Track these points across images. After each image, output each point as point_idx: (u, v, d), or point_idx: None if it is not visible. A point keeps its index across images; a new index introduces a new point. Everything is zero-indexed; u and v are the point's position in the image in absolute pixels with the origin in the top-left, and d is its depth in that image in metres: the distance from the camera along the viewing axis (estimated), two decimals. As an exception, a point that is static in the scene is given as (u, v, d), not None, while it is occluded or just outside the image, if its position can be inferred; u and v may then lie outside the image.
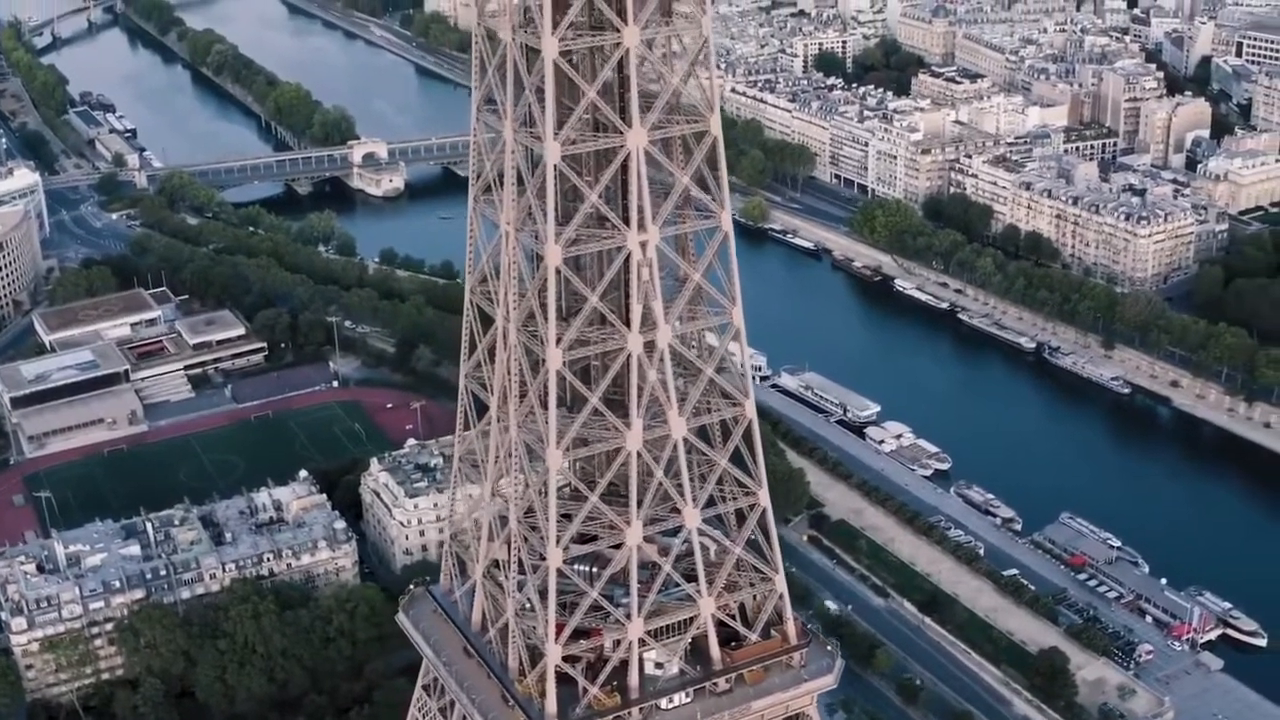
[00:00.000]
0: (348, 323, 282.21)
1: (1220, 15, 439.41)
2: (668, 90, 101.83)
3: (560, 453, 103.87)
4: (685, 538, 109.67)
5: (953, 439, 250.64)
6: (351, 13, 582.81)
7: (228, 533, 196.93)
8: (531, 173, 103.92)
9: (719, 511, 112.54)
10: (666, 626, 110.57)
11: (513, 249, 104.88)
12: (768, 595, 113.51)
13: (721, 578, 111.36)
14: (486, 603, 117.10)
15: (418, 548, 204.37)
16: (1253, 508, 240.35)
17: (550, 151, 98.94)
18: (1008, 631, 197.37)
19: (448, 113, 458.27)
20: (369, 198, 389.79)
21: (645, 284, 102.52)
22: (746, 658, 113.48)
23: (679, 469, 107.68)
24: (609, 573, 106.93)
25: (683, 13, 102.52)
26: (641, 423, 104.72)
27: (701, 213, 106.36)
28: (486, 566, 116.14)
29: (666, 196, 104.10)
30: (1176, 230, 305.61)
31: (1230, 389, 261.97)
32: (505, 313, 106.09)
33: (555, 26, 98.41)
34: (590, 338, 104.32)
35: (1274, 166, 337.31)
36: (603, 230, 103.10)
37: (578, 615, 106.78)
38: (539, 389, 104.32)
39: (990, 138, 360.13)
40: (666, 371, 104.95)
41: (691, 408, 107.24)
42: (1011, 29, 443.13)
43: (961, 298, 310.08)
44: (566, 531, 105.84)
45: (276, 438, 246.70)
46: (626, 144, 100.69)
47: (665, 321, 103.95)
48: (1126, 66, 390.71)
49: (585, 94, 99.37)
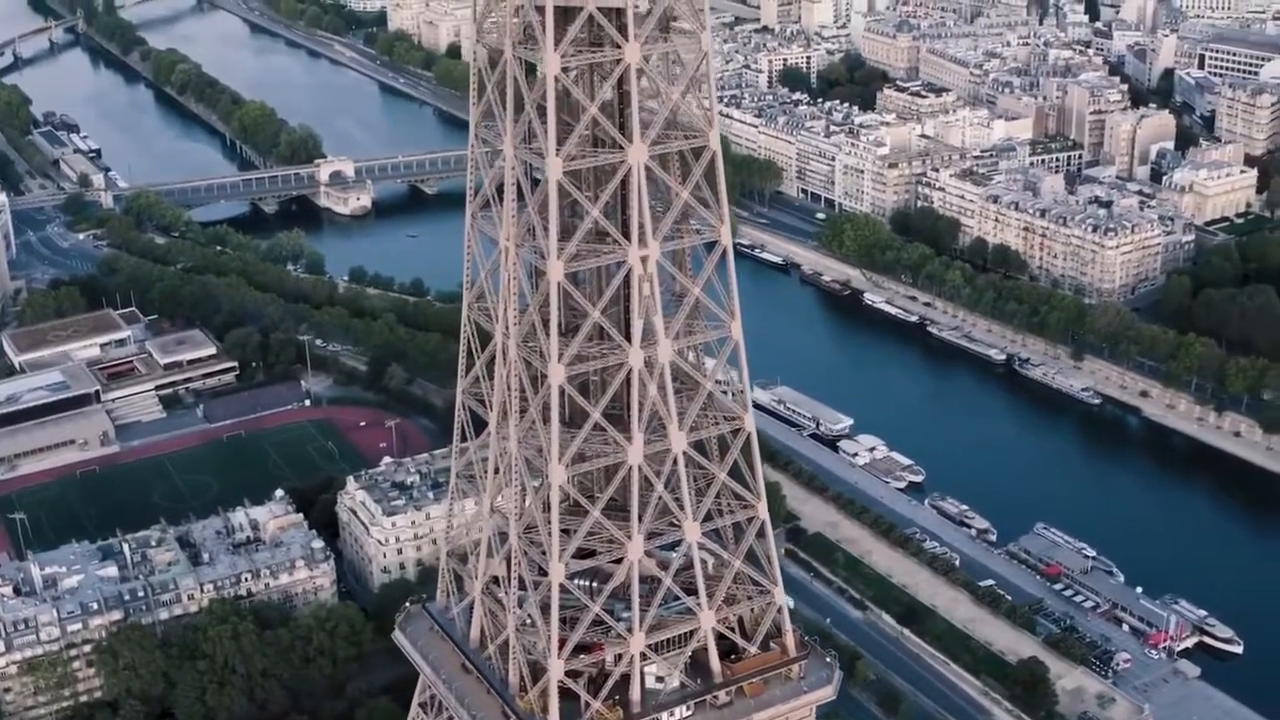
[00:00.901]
0: (319, 341, 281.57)
1: (1182, 28, 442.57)
2: (668, 106, 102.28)
3: (563, 468, 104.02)
4: (684, 551, 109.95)
5: (926, 451, 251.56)
6: (314, 31, 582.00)
7: (205, 553, 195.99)
8: (531, 188, 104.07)
9: (717, 525, 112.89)
10: (667, 640, 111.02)
11: (513, 265, 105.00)
12: (767, 608, 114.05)
13: (721, 591, 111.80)
14: (485, 619, 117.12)
15: (395, 566, 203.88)
16: (1224, 516, 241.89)
17: (553, 168, 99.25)
18: (986, 642, 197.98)
19: (413, 130, 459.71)
20: (336, 216, 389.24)
21: (646, 299, 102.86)
22: (746, 670, 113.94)
23: (679, 483, 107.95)
24: (610, 587, 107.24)
25: (681, 29, 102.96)
26: (642, 437, 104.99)
27: (699, 227, 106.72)
28: (485, 583, 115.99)
29: (665, 211, 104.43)
30: (1143, 241, 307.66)
31: (1200, 398, 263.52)
32: (505, 328, 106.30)
33: (557, 43, 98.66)
34: (590, 353, 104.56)
35: (1239, 177, 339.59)
36: (603, 245, 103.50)
37: (580, 630, 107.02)
38: (540, 405, 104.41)
39: (956, 151, 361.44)
40: (667, 386, 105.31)
41: (691, 422, 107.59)
42: (975, 43, 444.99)
43: (931, 311, 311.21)
44: (568, 546, 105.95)
45: (249, 457, 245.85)
46: (628, 159, 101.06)
47: (666, 336, 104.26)
48: (1090, 79, 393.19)
49: (586, 110, 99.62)
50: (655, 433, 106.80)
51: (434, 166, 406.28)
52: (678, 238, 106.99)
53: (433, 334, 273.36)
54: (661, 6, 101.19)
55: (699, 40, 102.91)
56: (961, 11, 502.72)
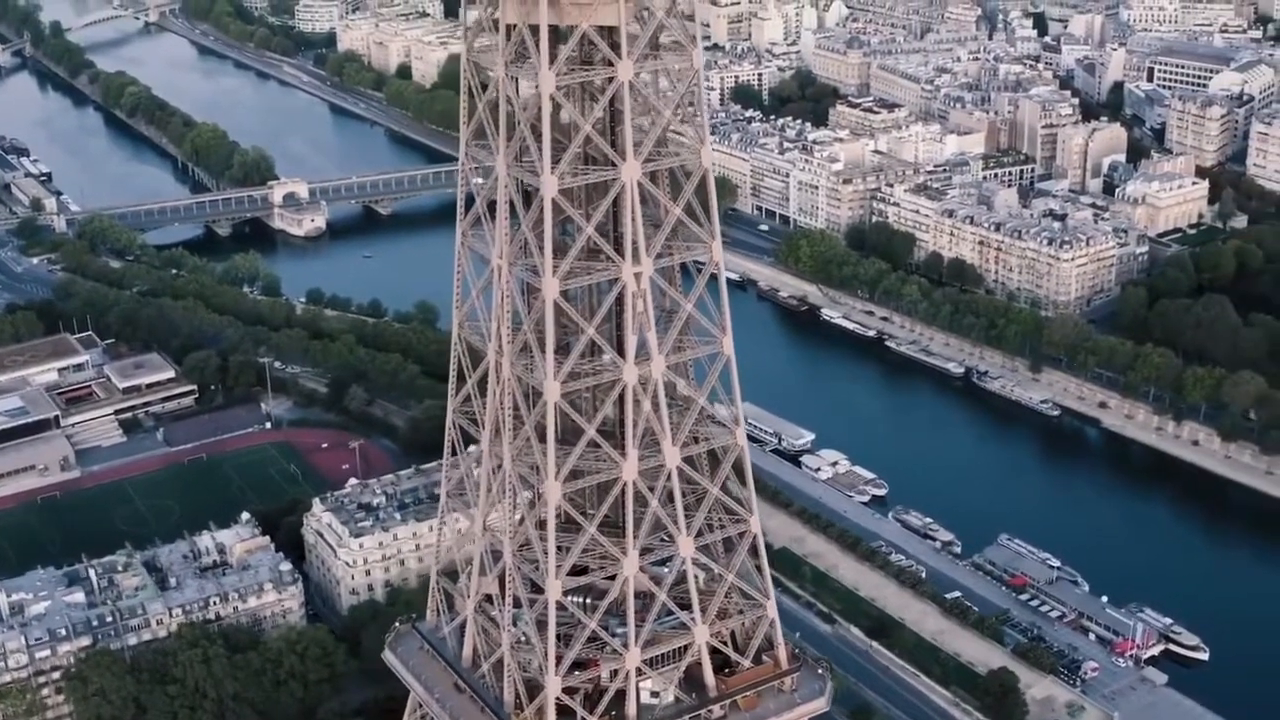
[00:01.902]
0: (277, 363, 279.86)
1: (1130, 42, 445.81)
2: (660, 123, 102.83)
3: (559, 485, 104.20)
4: (677, 566, 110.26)
5: (888, 465, 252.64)
6: (264, 53, 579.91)
7: (172, 577, 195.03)
8: (525, 206, 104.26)
9: (710, 540, 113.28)
10: (662, 655, 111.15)
11: (505, 283, 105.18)
12: (759, 621, 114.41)
13: (714, 605, 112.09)
14: (479, 637, 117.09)
15: (364, 587, 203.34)
16: (1185, 525, 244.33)
17: (548, 186, 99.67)
18: (955, 653, 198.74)
19: (365, 151, 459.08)
20: (290, 238, 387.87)
21: (640, 315, 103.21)
22: (740, 684, 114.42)
23: (672, 498, 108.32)
24: (605, 603, 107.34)
25: (672, 46, 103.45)
26: (637, 453, 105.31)
27: (689, 244, 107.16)
28: (478, 601, 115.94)
29: (656, 228, 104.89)
30: (1098, 254, 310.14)
31: (1158, 408, 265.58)
32: (498, 346, 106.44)
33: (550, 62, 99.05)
34: (584, 370, 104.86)
35: (1190, 189, 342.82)
36: (596, 263, 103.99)
37: (576, 647, 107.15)
38: (535, 422, 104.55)
39: (910, 166, 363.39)
40: (661, 401, 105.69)
41: (684, 437, 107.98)
42: (925, 59, 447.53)
43: (888, 325, 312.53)
44: (564, 563, 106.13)
45: (211, 480, 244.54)
46: (621, 177, 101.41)
47: (659, 352, 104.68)
48: (1042, 93, 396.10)
49: (579, 128, 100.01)
50: (648, 448, 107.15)
51: (388, 187, 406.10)
52: (669, 254, 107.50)
53: (392, 355, 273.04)
54: (653, 25, 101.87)
55: (690, 58, 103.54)
56: (911, 28, 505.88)
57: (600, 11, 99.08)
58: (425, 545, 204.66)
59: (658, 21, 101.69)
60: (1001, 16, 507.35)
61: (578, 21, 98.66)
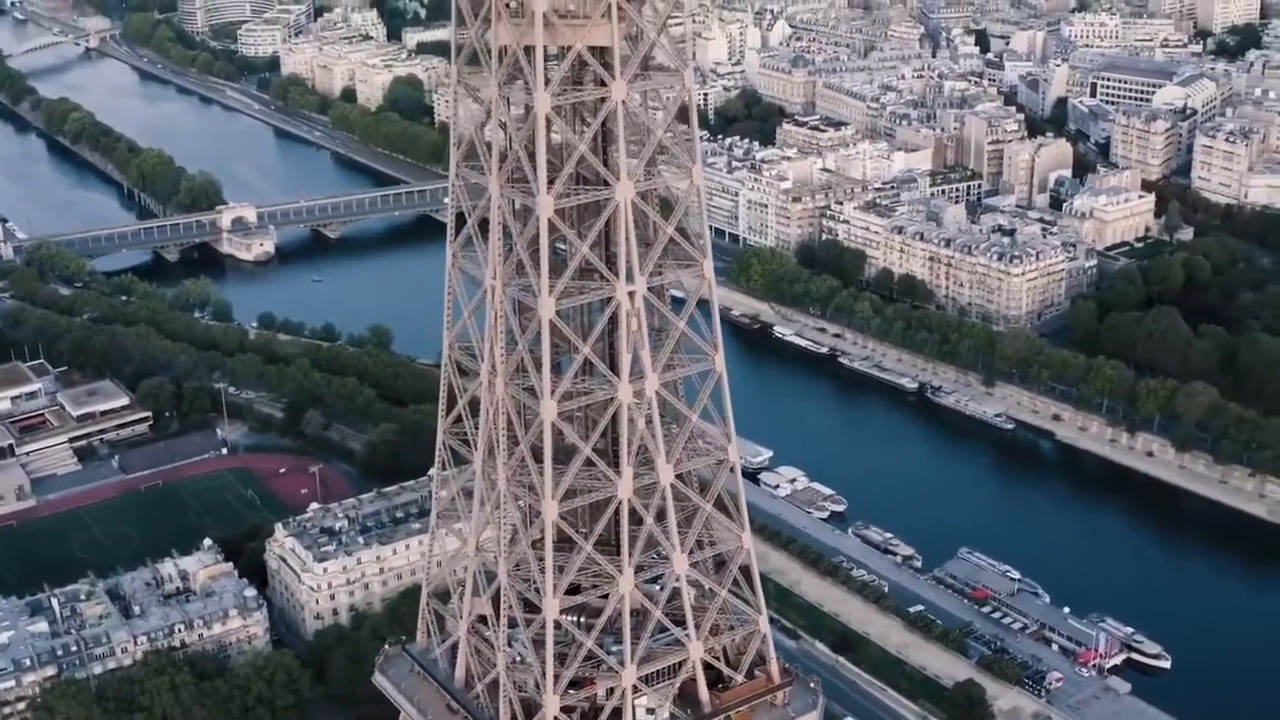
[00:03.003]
0: (232, 389, 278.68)
1: (1073, 57, 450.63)
2: (652, 143, 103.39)
3: (556, 504, 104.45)
4: (663, 583, 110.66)
5: (846, 481, 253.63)
6: (206, 78, 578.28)
7: (135, 605, 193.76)
8: (520, 226, 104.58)
9: (702, 557, 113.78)
10: (657, 672, 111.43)
11: (499, 303, 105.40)
12: (751, 636, 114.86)
13: (708, 621, 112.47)
14: (472, 658, 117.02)
15: (328, 612, 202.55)
16: (1142, 535, 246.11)
17: (544, 206, 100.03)
18: (920, 666, 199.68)
19: (311, 175, 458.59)
20: (239, 263, 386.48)
21: (634, 334, 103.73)
22: (734, 699, 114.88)
23: (666, 516, 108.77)
24: (602, 621, 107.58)
25: (663, 66, 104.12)
26: (631, 471, 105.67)
27: (680, 261, 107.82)
28: (471, 622, 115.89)
29: (647, 247, 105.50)
30: (1048, 268, 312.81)
31: (1112, 420, 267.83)
32: (490, 367, 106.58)
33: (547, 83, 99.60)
34: (578, 389, 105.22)
35: (1137, 203, 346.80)
36: (590, 282, 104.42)
37: (574, 665, 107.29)
38: (530, 442, 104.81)
39: (858, 184, 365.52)
40: (655, 419, 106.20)
41: (677, 455, 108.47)
42: (870, 77, 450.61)
43: (841, 342, 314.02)
44: (561, 582, 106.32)
45: (169, 508, 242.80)
46: (615, 196, 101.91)
47: (653, 370, 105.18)
48: (987, 110, 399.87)
49: (572, 148, 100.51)
50: (641, 466, 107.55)
51: (336, 211, 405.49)
52: (661, 272, 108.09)
53: (348, 378, 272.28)
54: (645, 46, 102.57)
55: (681, 78, 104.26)
56: (854, 46, 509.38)
57: (593, 32, 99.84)
58: (389, 568, 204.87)
59: (650, 42, 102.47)
60: (944, 34, 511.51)
61: (572, 42, 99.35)
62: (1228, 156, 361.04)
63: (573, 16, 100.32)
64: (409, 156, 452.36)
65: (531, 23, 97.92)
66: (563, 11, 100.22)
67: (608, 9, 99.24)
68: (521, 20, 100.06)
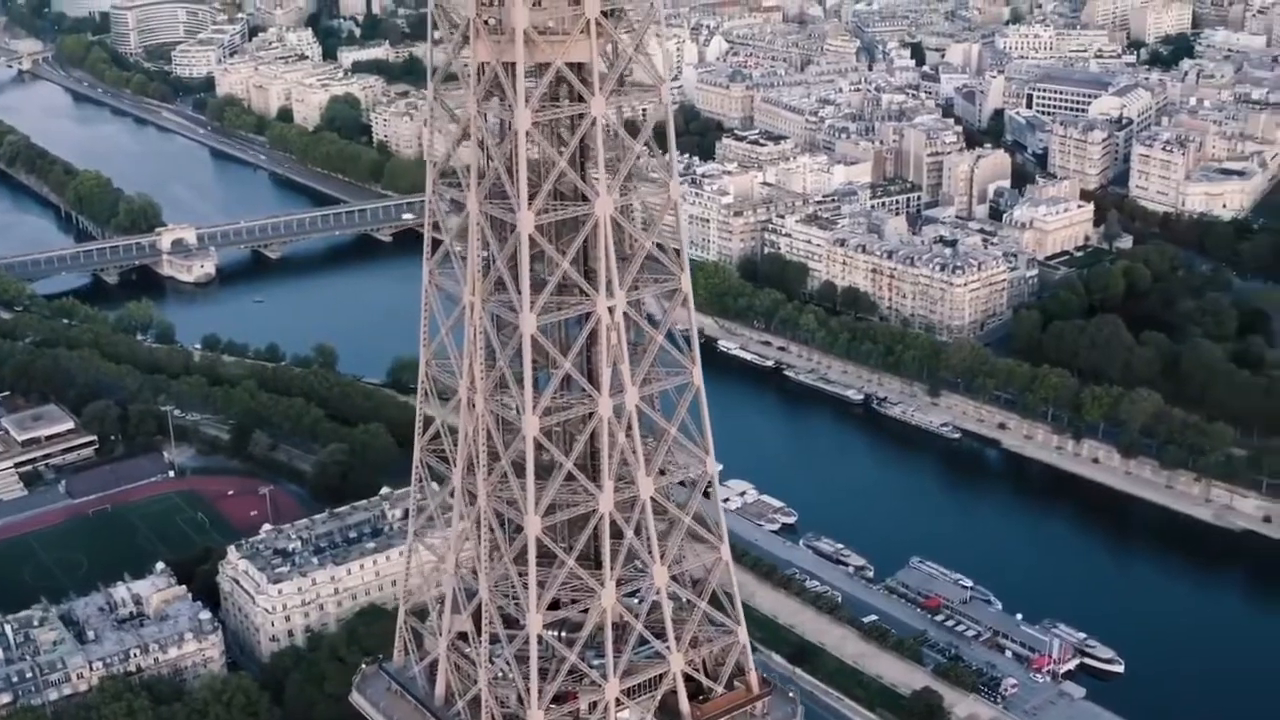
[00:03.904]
0: (177, 411, 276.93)
1: (1008, 69, 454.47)
2: (630, 158, 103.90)
3: (539, 519, 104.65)
4: (643, 596, 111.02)
5: (795, 493, 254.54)
6: (141, 99, 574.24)
7: (90, 630, 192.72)
8: (499, 242, 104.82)
9: (682, 569, 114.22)
10: (638, 685, 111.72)
11: (478, 319, 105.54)
12: (730, 647, 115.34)
13: (688, 633, 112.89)
14: (452, 675, 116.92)
15: (284, 633, 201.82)
16: (1091, 541, 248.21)
17: (525, 222, 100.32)
18: (877, 675, 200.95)
19: (249, 195, 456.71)
20: (180, 284, 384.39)
21: (614, 348, 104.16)
22: (715, 710, 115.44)
23: (646, 528, 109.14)
24: (584, 635, 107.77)
25: (640, 83, 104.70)
26: (612, 485, 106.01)
27: (658, 276, 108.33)
28: (451, 639, 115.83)
29: (624, 261, 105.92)
30: (990, 278, 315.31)
31: (1057, 428, 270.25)
32: (470, 383, 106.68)
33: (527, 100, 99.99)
34: (560, 404, 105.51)
35: (1076, 212, 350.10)
36: (570, 297, 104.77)
37: (557, 680, 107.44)
38: (512, 457, 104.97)
39: (799, 197, 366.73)
40: (635, 433, 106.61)
41: (657, 468, 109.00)
42: (808, 90, 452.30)
43: (786, 355, 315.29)
44: (544, 597, 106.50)
45: (118, 532, 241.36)
46: (595, 212, 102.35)
47: (632, 384, 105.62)
48: (925, 122, 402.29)
49: (551, 164, 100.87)
50: (622, 480, 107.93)
51: (276, 231, 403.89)
52: (640, 287, 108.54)
53: (295, 399, 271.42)
54: (623, 62, 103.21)
55: (659, 93, 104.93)
56: (791, 60, 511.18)
57: (572, 49, 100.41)
58: (344, 588, 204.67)
59: (628, 58, 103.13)
60: (880, 47, 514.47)
61: (551, 59, 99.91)
62: (1165, 165, 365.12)
63: (552, 33, 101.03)
64: (348, 176, 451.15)
65: (511, 40, 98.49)
66: (542, 28, 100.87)
67: (586, 25, 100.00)
68: (501, 37, 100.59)
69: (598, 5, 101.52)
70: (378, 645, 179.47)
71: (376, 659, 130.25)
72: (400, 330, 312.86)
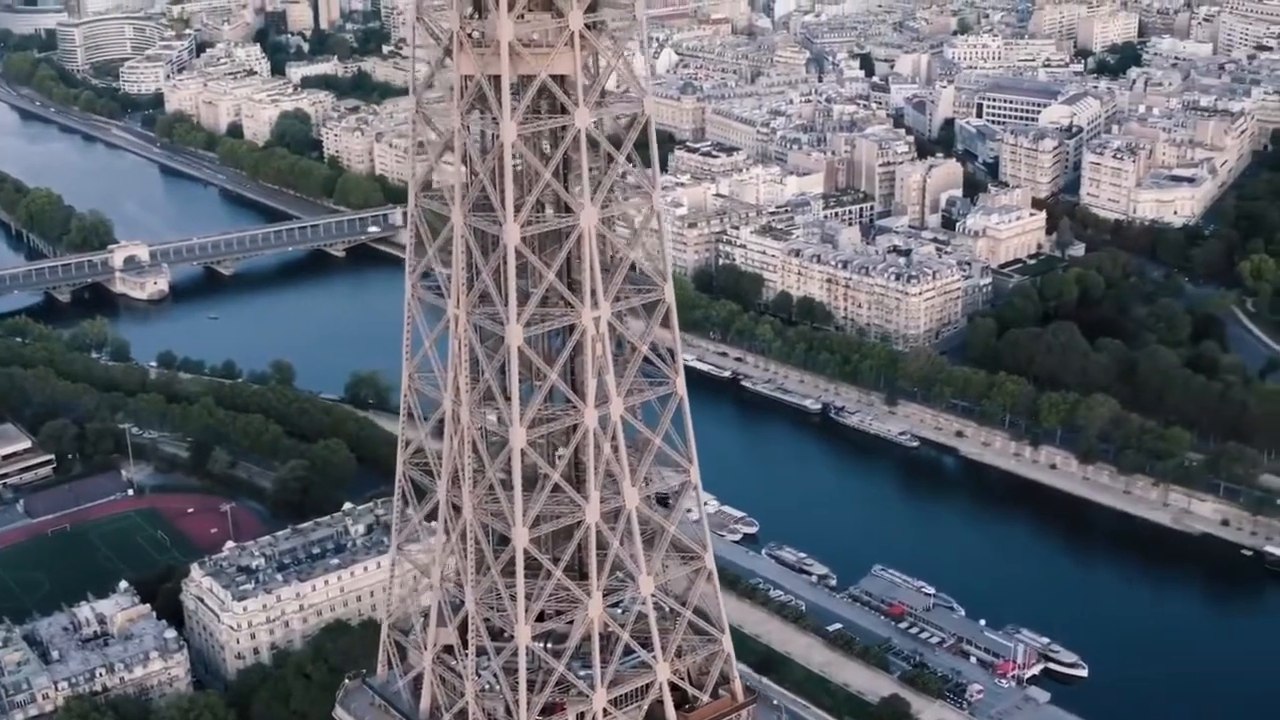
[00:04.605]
0: (135, 429, 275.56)
1: (958, 79, 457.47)
2: (615, 169, 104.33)
3: (527, 531, 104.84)
4: (637, 605, 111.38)
5: (756, 503, 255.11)
6: (90, 116, 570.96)
7: (54, 650, 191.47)
8: (484, 255, 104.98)
9: (667, 578, 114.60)
10: (625, 695, 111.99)
11: (463, 332, 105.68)
12: (714, 656, 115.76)
13: (673, 642, 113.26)
14: (437, 688, 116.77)
15: (250, 651, 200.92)
16: (1050, 546, 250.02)
17: (511, 234, 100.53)
18: (844, 684, 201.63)
19: (200, 211, 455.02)
20: (133, 302, 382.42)
21: (599, 359, 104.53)
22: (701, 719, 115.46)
23: (632, 539, 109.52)
24: (571, 646, 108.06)
25: (620, 94, 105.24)
26: (598, 495, 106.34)
27: (642, 286, 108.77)
28: (436, 652, 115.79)
29: (606, 272, 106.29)
30: (944, 287, 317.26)
31: (1014, 434, 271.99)
32: (454, 395, 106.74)
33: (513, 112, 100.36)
34: (546, 415, 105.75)
35: (1029, 220, 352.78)
36: (554, 309, 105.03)
37: (545, 691, 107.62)
38: (499, 469, 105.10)
39: (753, 208, 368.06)
40: (620, 443, 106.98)
41: (641, 478, 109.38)
42: (759, 102, 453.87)
43: (742, 366, 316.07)
44: (532, 608, 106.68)
45: (78, 551, 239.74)
46: (580, 223, 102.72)
47: (617, 395, 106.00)
48: (877, 132, 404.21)
49: (537, 176, 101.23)
50: (607, 490, 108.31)
51: (229, 248, 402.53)
52: (624, 298, 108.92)
53: (254, 415, 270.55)
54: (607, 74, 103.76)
55: (641, 105, 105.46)
56: (741, 72, 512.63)
57: (557, 61, 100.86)
58: (309, 605, 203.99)
59: (611, 70, 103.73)
60: (829, 58, 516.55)
61: (535, 71, 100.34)
62: (1116, 173, 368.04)
63: (536, 45, 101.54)
64: (299, 191, 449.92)
65: (496, 52, 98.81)
66: (526, 40, 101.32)
67: (570, 37, 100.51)
68: (485, 50, 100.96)
69: (581, 18, 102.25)
70: (344, 661, 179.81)
71: (360, 673, 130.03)
72: (356, 345, 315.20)
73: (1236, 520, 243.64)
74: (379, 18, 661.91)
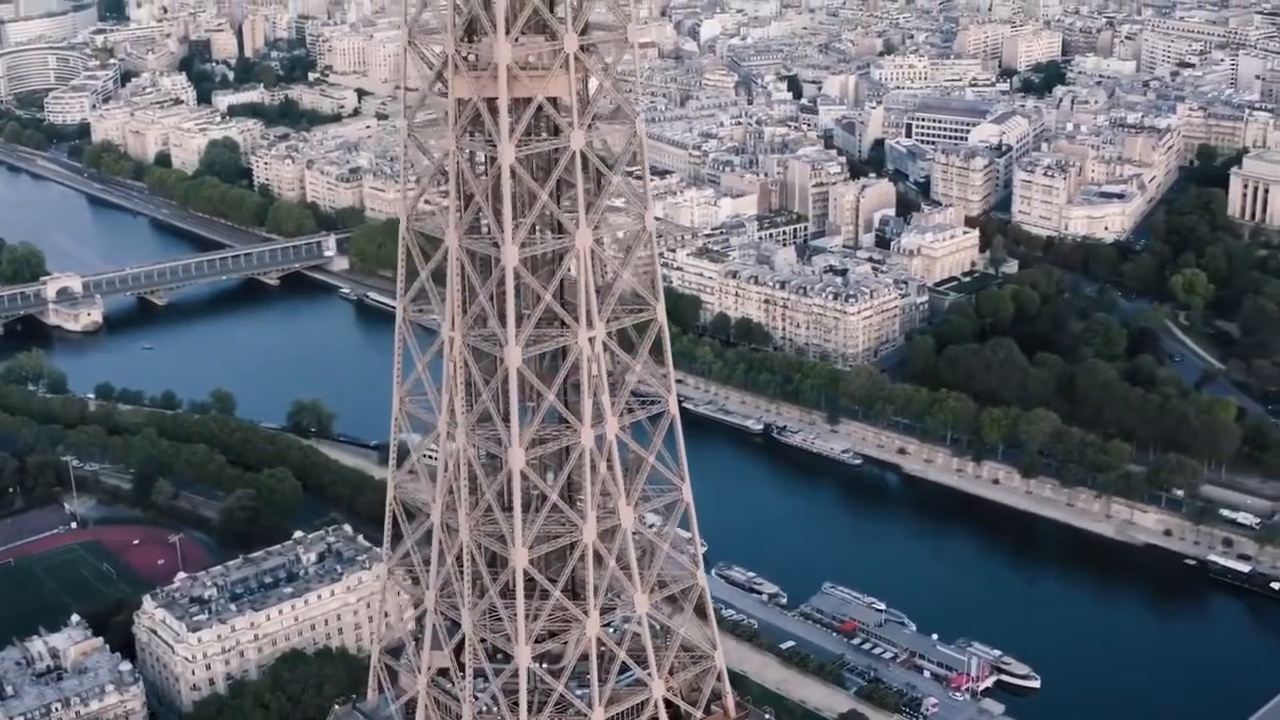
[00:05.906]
0: (75, 462, 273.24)
1: (886, 100, 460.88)
2: (608, 190, 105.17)
3: (526, 552, 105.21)
4: (632, 623, 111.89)
5: (703, 524, 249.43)
6: (15, 147, 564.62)
7: (8, 686, 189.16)
8: (479, 277, 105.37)
9: (661, 597, 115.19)
10: (622, 712, 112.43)
11: (458, 354, 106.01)
12: (707, 672, 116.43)
13: (669, 659, 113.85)
14: (433, 711, 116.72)
15: (205, 682, 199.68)
16: (997, 560, 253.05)
17: (510, 256, 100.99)
18: (801, 701, 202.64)
19: (129, 242, 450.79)
20: (67, 333, 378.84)
21: (595, 379, 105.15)
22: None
23: (628, 557, 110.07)
24: (569, 665, 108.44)
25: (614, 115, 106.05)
26: (595, 514, 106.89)
27: (633, 307, 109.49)
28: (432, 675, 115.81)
29: (599, 292, 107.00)
30: (882, 305, 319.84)
31: (957, 450, 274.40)
32: (449, 418, 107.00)
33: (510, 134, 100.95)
34: (543, 436, 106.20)
35: (962, 238, 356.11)
36: (550, 329, 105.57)
37: (545, 712, 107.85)
38: (497, 491, 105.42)
39: (688, 230, 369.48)
40: (615, 463, 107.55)
41: (637, 496, 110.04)
42: (689, 125, 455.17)
43: (683, 387, 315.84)
44: (533, 629, 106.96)
45: (22, 586, 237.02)
46: (575, 244, 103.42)
47: (613, 414, 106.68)
48: (809, 153, 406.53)
49: (534, 197, 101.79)
50: (603, 509, 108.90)
51: (162, 277, 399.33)
52: (616, 318, 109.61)
53: (197, 445, 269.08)
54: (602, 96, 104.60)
55: (633, 126, 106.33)
56: (671, 95, 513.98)
57: (552, 83, 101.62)
58: (264, 634, 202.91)
59: (605, 92, 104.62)
60: (757, 81, 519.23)
61: (532, 93, 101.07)
62: (1047, 190, 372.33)
63: (532, 68, 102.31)
64: (230, 220, 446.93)
65: (493, 75, 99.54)
66: (522, 63, 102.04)
67: (565, 60, 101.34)
68: (481, 73, 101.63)
69: (575, 40, 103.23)
70: (301, 690, 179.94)
71: (350, 698, 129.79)
72: (295, 373, 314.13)
73: (1179, 530, 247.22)
74: (304, 45, 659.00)
